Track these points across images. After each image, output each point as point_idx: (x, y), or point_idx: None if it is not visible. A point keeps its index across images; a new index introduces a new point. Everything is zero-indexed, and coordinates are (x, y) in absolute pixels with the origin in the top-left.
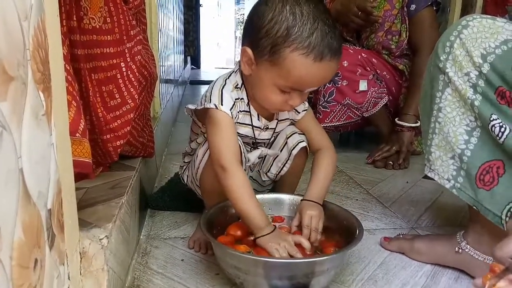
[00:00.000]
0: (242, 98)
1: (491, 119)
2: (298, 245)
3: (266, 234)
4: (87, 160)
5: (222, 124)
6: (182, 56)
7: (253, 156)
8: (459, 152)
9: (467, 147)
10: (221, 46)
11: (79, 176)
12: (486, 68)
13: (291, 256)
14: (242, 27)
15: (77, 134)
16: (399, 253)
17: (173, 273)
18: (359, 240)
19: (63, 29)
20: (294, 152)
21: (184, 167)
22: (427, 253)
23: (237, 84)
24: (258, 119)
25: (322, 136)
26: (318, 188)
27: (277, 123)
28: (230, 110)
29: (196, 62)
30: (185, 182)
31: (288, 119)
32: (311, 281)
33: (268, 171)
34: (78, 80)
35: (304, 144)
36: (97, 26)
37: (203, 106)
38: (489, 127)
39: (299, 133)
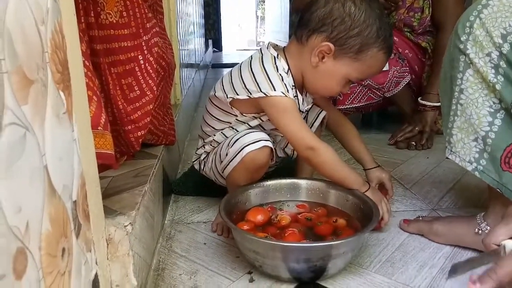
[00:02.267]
0: (292, 84)
1: None
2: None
3: (367, 190)
4: (109, 152)
5: (294, 110)
6: (203, 40)
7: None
8: (483, 135)
9: (491, 129)
10: (243, 27)
11: (103, 167)
12: (506, 48)
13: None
14: (302, 20)
15: (99, 128)
16: (419, 235)
17: (196, 256)
18: (374, 224)
19: (81, 26)
20: (317, 123)
21: (204, 157)
22: (446, 234)
23: (285, 70)
24: (303, 103)
25: (336, 109)
26: (369, 154)
27: (312, 105)
28: (294, 97)
29: (218, 45)
30: (201, 169)
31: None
32: (328, 264)
33: (286, 147)
34: (98, 74)
35: (324, 113)
36: (114, 21)
37: (264, 94)
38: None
39: (316, 105)
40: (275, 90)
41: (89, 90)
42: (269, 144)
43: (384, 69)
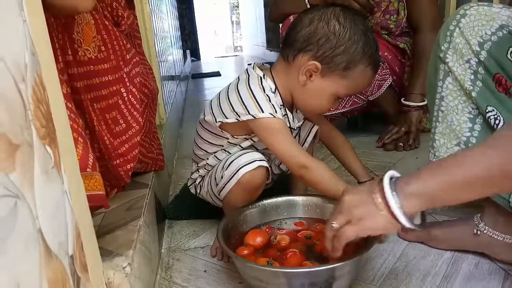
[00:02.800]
0: (280, 103)
1: (487, 110)
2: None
3: None
4: (100, 193)
5: (284, 129)
6: (181, 51)
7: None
8: (464, 140)
9: (472, 134)
10: (219, 33)
11: (95, 208)
12: (483, 56)
13: None
14: (287, 40)
15: (88, 169)
16: (418, 242)
17: (197, 285)
18: (376, 239)
19: (59, 65)
20: (309, 138)
21: (199, 181)
22: (445, 239)
23: (272, 89)
24: (293, 120)
25: (327, 121)
26: (361, 167)
27: (304, 121)
28: (283, 116)
29: (195, 54)
30: (198, 193)
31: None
32: (332, 286)
33: (281, 164)
34: (81, 111)
35: (316, 127)
36: (93, 57)
37: (255, 117)
38: (486, 117)
39: (307, 120)
40: (263, 112)
41: (74, 131)
42: (264, 163)
43: None
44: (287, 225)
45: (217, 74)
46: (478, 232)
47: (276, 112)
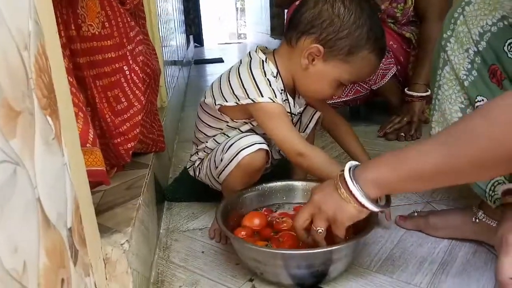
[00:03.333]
0: (282, 88)
1: (476, 100)
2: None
3: None
4: (100, 169)
5: (282, 115)
6: (185, 36)
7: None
8: None
9: None
10: (223, 20)
11: (95, 183)
12: (482, 46)
13: None
14: (291, 23)
15: (88, 144)
16: (416, 230)
17: (195, 266)
18: (375, 224)
19: (62, 40)
20: (311, 125)
21: (198, 164)
22: (444, 227)
23: (273, 74)
24: (294, 106)
25: (333, 110)
26: (365, 152)
27: (305, 106)
28: (283, 101)
29: (199, 40)
30: (196, 175)
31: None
32: (330, 268)
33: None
34: (83, 88)
35: (318, 113)
36: (96, 33)
37: (254, 101)
38: (475, 107)
39: (309, 106)
40: (262, 96)
41: (75, 106)
42: (264, 146)
43: None
44: (286, 209)
45: (220, 60)
46: (477, 220)
47: (276, 97)
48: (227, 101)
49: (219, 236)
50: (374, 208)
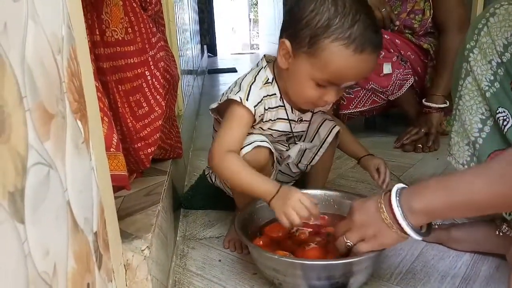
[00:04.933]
0: (274, 94)
1: (497, 111)
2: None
3: (273, 197)
4: (123, 173)
5: (239, 118)
6: (199, 46)
7: (294, 152)
8: (473, 140)
9: (480, 135)
10: (236, 30)
11: (116, 188)
12: (506, 57)
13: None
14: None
15: (112, 149)
16: (437, 243)
17: (212, 274)
18: None
19: (87, 45)
20: (329, 139)
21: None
22: (466, 240)
23: (268, 79)
24: (292, 112)
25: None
26: (360, 144)
27: (312, 115)
28: (255, 107)
29: (212, 50)
30: (213, 181)
31: (320, 110)
32: (350, 280)
33: (299, 162)
34: (106, 92)
35: (337, 128)
36: (120, 38)
37: (226, 97)
38: (496, 118)
39: (329, 119)
40: (235, 94)
41: (100, 111)
42: (265, 144)
43: (387, 72)
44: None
45: (233, 70)
46: (501, 233)
47: (247, 100)
48: (216, 103)
49: (233, 246)
50: (417, 237)
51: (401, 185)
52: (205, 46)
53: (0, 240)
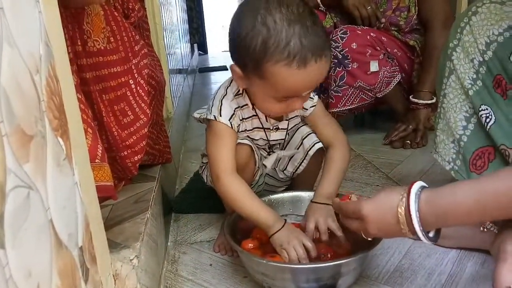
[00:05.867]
0: (246, 104)
1: (480, 109)
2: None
3: (276, 232)
4: (108, 184)
5: (220, 135)
6: (189, 45)
7: (270, 162)
8: (457, 137)
9: (465, 133)
10: (226, 27)
11: (102, 199)
12: (488, 56)
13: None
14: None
15: (97, 160)
16: None
17: (203, 279)
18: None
19: (69, 56)
20: (311, 153)
21: (204, 167)
22: (453, 236)
23: (239, 91)
24: (266, 121)
25: (333, 131)
26: (328, 186)
27: (288, 122)
28: (229, 120)
29: (203, 48)
30: (206, 181)
31: (297, 116)
32: (338, 281)
33: (285, 169)
34: (90, 102)
35: (320, 145)
36: (102, 47)
37: (205, 116)
38: (479, 116)
39: (315, 133)
40: (211, 112)
41: (83, 122)
42: (245, 141)
43: (374, 70)
44: (293, 220)
45: (224, 68)
46: (485, 229)
47: (221, 115)
48: (198, 114)
49: (224, 250)
50: (426, 241)
51: (420, 183)
52: (195, 45)
53: None
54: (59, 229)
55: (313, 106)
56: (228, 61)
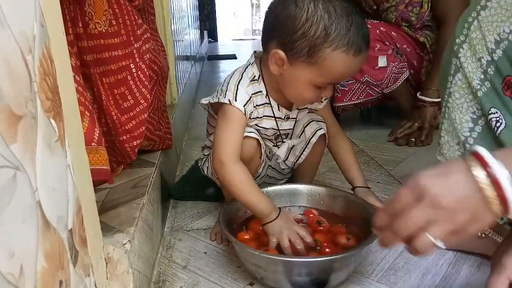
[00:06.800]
0: (260, 91)
1: (490, 112)
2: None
3: (271, 221)
4: (105, 167)
5: (232, 119)
6: (198, 32)
7: (282, 151)
8: (463, 139)
9: (471, 135)
10: (238, 15)
11: (99, 182)
12: (498, 55)
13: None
14: (262, 28)
15: (93, 143)
16: None
17: (197, 267)
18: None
19: (69, 38)
20: (313, 140)
21: (204, 159)
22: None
23: (254, 77)
24: (279, 109)
25: (336, 124)
26: (361, 173)
27: (298, 112)
28: (244, 106)
29: (213, 35)
30: (205, 173)
31: (307, 107)
32: (331, 276)
33: (286, 159)
34: (90, 85)
35: (322, 131)
36: (103, 30)
37: (218, 100)
38: (488, 119)
39: (316, 121)
40: (225, 96)
41: (81, 105)
42: (253, 135)
43: (383, 65)
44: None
45: (233, 57)
46: (483, 235)
47: (236, 100)
48: (207, 99)
49: (220, 239)
50: None
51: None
52: (205, 32)
53: None
54: (47, 211)
55: (326, 99)
56: (237, 50)
